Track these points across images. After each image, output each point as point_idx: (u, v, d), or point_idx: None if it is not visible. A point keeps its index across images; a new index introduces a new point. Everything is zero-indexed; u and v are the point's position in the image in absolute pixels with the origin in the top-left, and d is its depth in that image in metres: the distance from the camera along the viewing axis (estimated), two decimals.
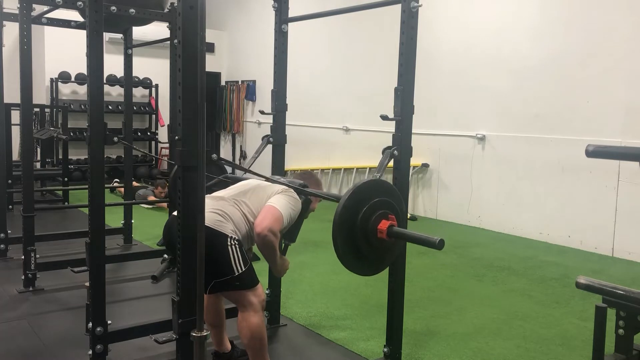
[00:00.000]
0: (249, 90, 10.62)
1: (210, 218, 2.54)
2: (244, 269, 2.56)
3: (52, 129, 7.89)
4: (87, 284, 2.81)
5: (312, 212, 2.96)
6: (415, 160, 7.12)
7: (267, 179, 2.74)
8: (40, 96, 9.37)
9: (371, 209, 2.27)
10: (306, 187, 2.77)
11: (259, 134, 9.54)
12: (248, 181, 2.88)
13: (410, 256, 3.18)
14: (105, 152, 2.90)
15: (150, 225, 6.26)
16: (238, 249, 2.56)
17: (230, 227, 2.58)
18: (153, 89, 10.28)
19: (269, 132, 3.40)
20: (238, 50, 11.03)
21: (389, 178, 2.79)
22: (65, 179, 7.46)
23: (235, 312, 2.70)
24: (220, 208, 2.60)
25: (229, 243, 2.54)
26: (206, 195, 2.69)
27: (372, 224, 2.26)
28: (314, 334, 3.45)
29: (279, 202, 2.62)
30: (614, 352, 2.16)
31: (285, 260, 2.83)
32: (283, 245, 2.99)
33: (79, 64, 9.00)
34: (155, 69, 9.75)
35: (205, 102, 1.91)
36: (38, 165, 8.16)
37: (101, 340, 2.83)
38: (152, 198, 7.30)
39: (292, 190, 2.71)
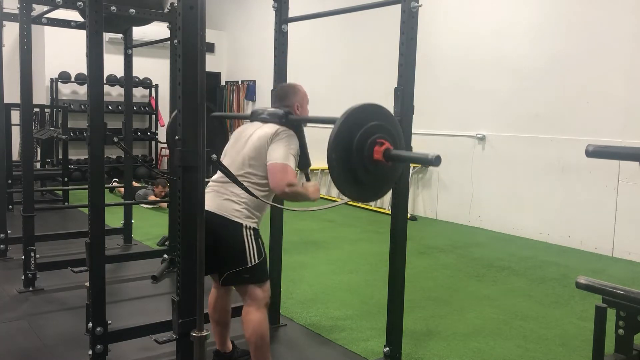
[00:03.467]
0: (249, 90, 10.62)
1: (226, 206, 2.53)
2: (257, 261, 2.57)
3: (52, 129, 7.90)
4: (87, 284, 2.81)
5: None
6: None
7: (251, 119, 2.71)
8: (40, 96, 9.37)
9: (367, 132, 2.17)
10: (290, 113, 2.63)
11: None
12: (241, 140, 2.69)
13: (410, 256, 3.18)
14: (105, 152, 2.90)
15: (150, 225, 6.26)
16: (253, 239, 2.56)
17: (245, 213, 2.54)
18: (153, 89, 10.28)
19: None
20: (238, 50, 11.03)
21: None
22: (65, 179, 7.46)
23: (240, 312, 2.70)
24: (232, 191, 2.54)
25: (244, 233, 2.53)
26: (212, 179, 2.65)
27: (369, 147, 2.16)
28: (314, 334, 3.45)
29: (277, 153, 2.52)
30: (614, 352, 2.16)
31: (312, 186, 2.70)
32: (304, 174, 2.88)
33: (79, 64, 9.01)
34: (155, 69, 9.76)
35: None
36: (38, 165, 8.16)
37: (101, 340, 2.83)
38: (152, 198, 7.30)
39: (282, 128, 2.58)
